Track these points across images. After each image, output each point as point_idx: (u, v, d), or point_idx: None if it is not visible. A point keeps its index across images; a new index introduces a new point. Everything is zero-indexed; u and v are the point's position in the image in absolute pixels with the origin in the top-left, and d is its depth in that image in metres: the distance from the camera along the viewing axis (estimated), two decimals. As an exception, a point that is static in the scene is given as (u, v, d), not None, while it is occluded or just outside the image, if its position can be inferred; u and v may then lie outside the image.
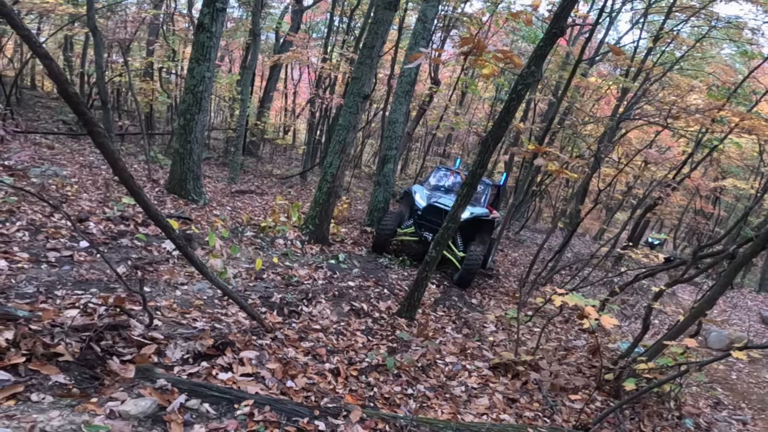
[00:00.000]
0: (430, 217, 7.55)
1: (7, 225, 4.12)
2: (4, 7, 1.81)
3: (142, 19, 13.08)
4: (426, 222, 7.57)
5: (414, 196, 7.94)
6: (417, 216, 7.67)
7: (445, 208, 7.31)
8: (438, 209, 7.48)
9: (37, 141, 8.51)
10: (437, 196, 7.84)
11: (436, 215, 7.46)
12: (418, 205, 7.67)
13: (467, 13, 13.55)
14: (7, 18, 1.84)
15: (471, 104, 21.92)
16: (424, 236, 7.54)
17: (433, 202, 7.57)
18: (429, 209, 7.56)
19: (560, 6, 3.86)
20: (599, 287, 9.42)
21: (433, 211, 7.53)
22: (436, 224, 7.22)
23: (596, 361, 4.99)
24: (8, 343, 2.33)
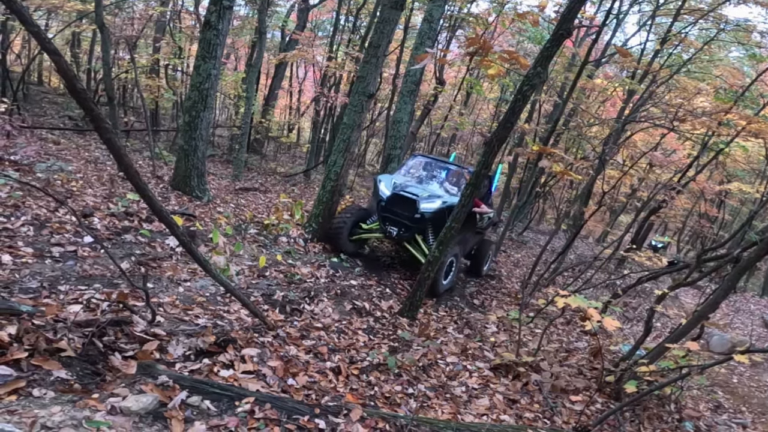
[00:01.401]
0: (394, 209, 6.53)
1: (12, 219, 4.14)
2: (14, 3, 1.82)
3: (149, 17, 13.12)
4: (390, 215, 6.55)
5: (379, 185, 6.89)
6: (381, 208, 6.65)
7: (411, 197, 6.39)
8: (404, 200, 6.47)
9: (43, 136, 8.55)
10: (406, 186, 6.82)
11: (402, 207, 6.48)
12: (382, 195, 6.66)
13: (473, 13, 13.52)
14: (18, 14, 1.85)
15: (476, 104, 21.87)
16: (388, 231, 6.55)
17: (398, 191, 6.54)
18: (393, 199, 6.54)
19: (567, 7, 3.85)
20: (602, 289, 9.39)
21: (398, 202, 6.51)
22: (402, 217, 6.46)
23: (597, 363, 4.98)
24: (11, 338, 2.34)
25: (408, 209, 6.42)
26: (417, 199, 6.35)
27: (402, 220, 6.47)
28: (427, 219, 6.39)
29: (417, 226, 6.43)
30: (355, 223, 6.85)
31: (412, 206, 6.38)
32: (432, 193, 6.68)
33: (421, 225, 6.45)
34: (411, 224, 6.41)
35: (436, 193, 6.75)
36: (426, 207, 6.34)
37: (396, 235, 6.52)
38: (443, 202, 6.45)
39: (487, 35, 12.84)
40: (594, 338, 5.96)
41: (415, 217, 6.35)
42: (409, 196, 6.45)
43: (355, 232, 6.86)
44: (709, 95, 9.99)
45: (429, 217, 6.38)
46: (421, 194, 6.48)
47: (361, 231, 6.88)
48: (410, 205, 6.40)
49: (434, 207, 6.38)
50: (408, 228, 6.45)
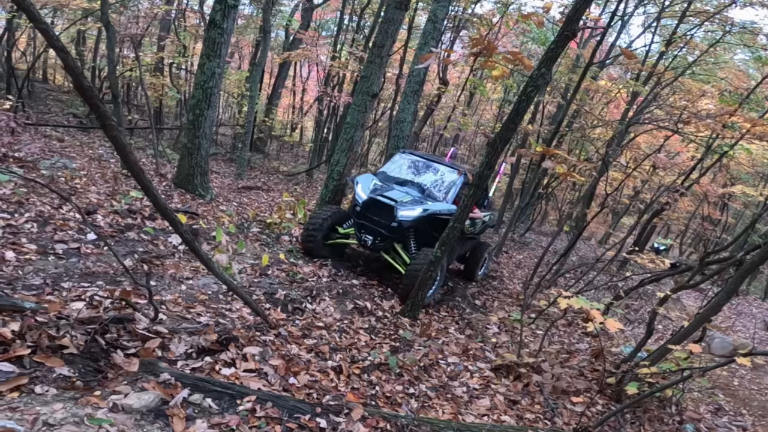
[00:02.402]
0: (370, 215, 5.89)
1: (16, 216, 4.16)
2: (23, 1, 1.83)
3: (154, 15, 13.15)
4: (365, 221, 5.91)
5: (356, 188, 6.24)
6: (356, 213, 6.02)
7: (388, 203, 5.74)
8: (380, 205, 5.80)
9: (47, 134, 8.58)
10: (386, 189, 6.08)
11: (379, 213, 5.82)
12: (358, 199, 6.03)
13: (477, 13, 13.52)
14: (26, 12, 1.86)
15: (479, 105, 21.86)
16: (363, 239, 5.91)
17: (375, 196, 5.88)
18: (369, 204, 5.88)
19: (572, 8, 3.84)
20: (604, 291, 9.37)
21: (375, 208, 5.86)
22: (378, 225, 5.80)
23: (599, 364, 4.98)
24: (14, 334, 2.35)
25: (385, 216, 5.76)
26: (395, 205, 5.70)
27: (378, 228, 5.81)
28: (405, 228, 5.74)
29: (394, 236, 5.80)
30: (332, 226, 6.24)
31: (389, 213, 5.72)
32: (415, 197, 5.97)
33: (398, 234, 5.82)
34: (387, 233, 5.76)
35: (419, 197, 6.02)
36: (405, 214, 5.67)
37: (371, 244, 5.86)
38: (425, 209, 5.73)
39: (491, 36, 12.83)
40: (595, 340, 5.95)
41: (391, 226, 5.71)
42: (387, 201, 5.77)
43: (332, 236, 6.25)
44: (714, 97, 9.97)
45: (408, 225, 5.72)
46: (402, 199, 5.82)
47: (338, 236, 6.27)
48: (387, 211, 5.73)
49: (414, 215, 5.67)
50: (384, 237, 5.81)
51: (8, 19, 10.83)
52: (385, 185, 6.22)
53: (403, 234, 5.92)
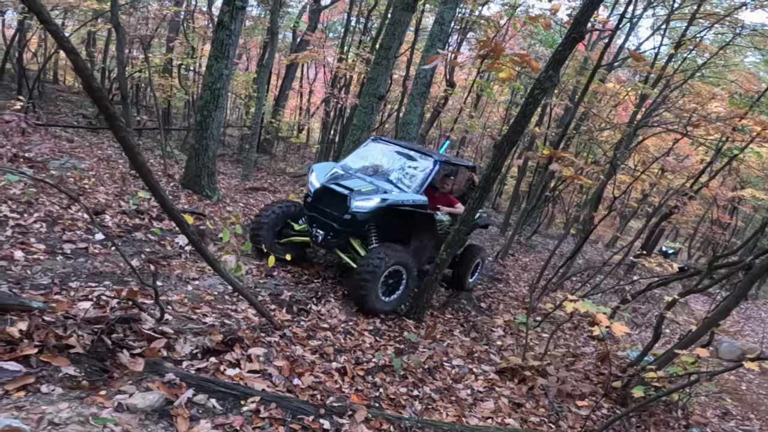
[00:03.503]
0: (322, 207, 5.14)
1: (25, 216, 4.20)
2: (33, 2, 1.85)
3: (163, 16, 13.24)
4: (317, 214, 5.15)
5: (309, 176, 5.55)
6: (307, 205, 5.32)
7: (341, 192, 4.98)
8: (333, 195, 5.04)
9: (57, 134, 8.67)
10: (345, 178, 5.32)
11: (331, 204, 5.05)
12: (311, 188, 5.31)
13: (484, 15, 13.50)
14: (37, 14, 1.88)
15: (486, 107, 21.82)
16: (314, 234, 5.15)
17: (328, 184, 5.14)
18: (321, 194, 5.15)
19: (580, 11, 3.83)
20: (610, 295, 9.31)
21: (327, 198, 5.10)
22: (330, 217, 5.04)
23: (604, 368, 4.95)
24: (21, 334, 2.37)
25: (338, 208, 5.00)
26: (348, 194, 4.92)
27: (329, 221, 5.05)
28: (360, 221, 4.96)
29: (347, 230, 5.02)
30: (286, 222, 5.49)
31: (342, 204, 4.95)
32: (378, 187, 5.14)
33: (353, 228, 5.04)
34: (340, 227, 4.98)
35: (383, 187, 5.19)
36: (360, 205, 4.87)
37: (322, 240, 5.10)
38: (383, 199, 4.91)
39: (499, 38, 12.81)
40: (601, 344, 5.92)
41: (344, 218, 4.94)
42: (340, 190, 5.01)
43: (286, 233, 5.53)
44: (724, 100, 9.88)
45: (363, 218, 4.95)
46: (360, 188, 5.03)
47: (293, 233, 5.52)
48: (341, 202, 4.97)
49: (369, 206, 4.87)
50: (337, 232, 5.02)
51: (20, 20, 10.96)
52: (346, 174, 5.45)
53: (360, 228, 5.10)
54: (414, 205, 5.14)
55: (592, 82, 7.54)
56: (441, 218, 5.86)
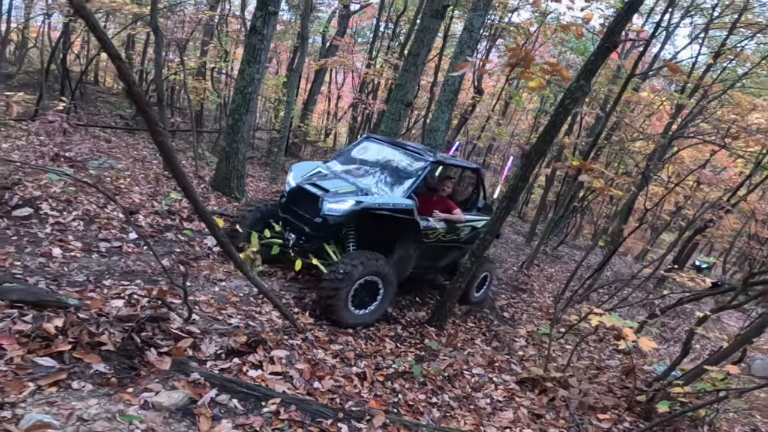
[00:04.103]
0: (294, 208, 4.86)
1: (64, 214, 4.38)
2: (83, 9, 1.93)
3: (198, 20, 13.58)
4: (289, 215, 4.86)
5: (288, 175, 5.22)
6: (281, 206, 5.02)
7: (314, 192, 4.67)
8: (307, 196, 4.74)
9: (96, 134, 9.01)
10: (325, 177, 5.00)
11: (305, 206, 4.76)
12: (287, 188, 5.03)
13: (514, 22, 13.39)
14: (86, 19, 1.96)
15: (514, 115, 21.59)
16: (286, 238, 4.73)
17: (303, 184, 4.84)
18: (295, 195, 4.88)
19: (614, 20, 3.76)
20: (638, 308, 9.07)
21: (301, 199, 4.82)
22: (301, 220, 4.74)
23: (629, 382, 4.85)
24: (57, 330, 2.45)
25: (310, 210, 4.67)
26: (321, 195, 4.60)
27: (301, 223, 4.73)
28: (332, 225, 4.60)
29: (320, 235, 4.67)
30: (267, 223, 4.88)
31: (315, 206, 4.62)
32: (361, 188, 4.80)
33: (325, 233, 4.67)
34: (312, 231, 4.65)
35: (367, 189, 4.83)
36: (332, 208, 4.53)
37: (294, 244, 4.70)
38: (357, 202, 4.52)
39: (528, 45, 12.68)
40: (627, 357, 5.79)
41: (314, 222, 4.62)
42: (313, 190, 4.69)
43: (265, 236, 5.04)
44: (766, 111, 9.52)
45: (336, 221, 4.57)
46: (337, 189, 4.69)
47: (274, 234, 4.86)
48: (313, 203, 4.64)
49: (342, 208, 4.51)
50: (309, 236, 4.68)
51: (65, 23, 11.41)
52: (330, 174, 5.13)
53: (333, 233, 4.74)
54: (395, 209, 4.66)
55: (625, 91, 7.38)
56: (434, 225, 5.26)
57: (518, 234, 14.31)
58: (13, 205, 4.17)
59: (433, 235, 5.30)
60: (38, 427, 1.84)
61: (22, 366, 2.20)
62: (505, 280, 8.81)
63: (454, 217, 5.44)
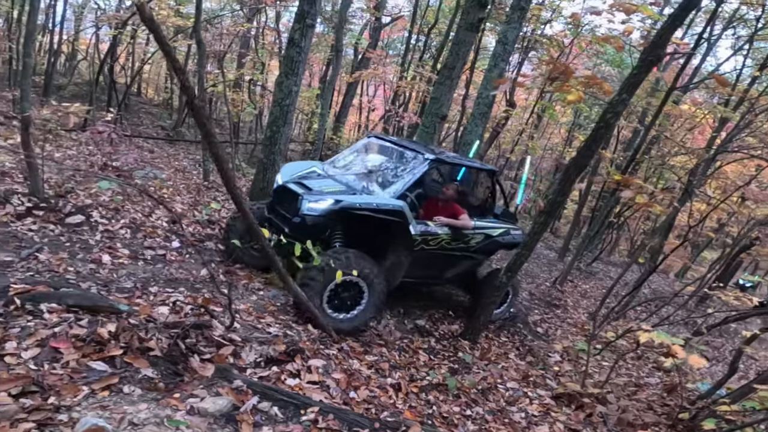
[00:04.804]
0: (278, 207, 4.70)
1: (113, 222, 4.58)
2: (152, 23, 2.04)
3: (237, 32, 13.94)
4: (273, 215, 4.72)
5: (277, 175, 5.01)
6: (268, 206, 4.88)
7: (296, 190, 4.48)
8: (289, 194, 4.57)
9: (139, 144, 9.37)
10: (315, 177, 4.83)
11: (287, 205, 4.59)
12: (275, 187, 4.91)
13: (547, 34, 13.28)
14: (154, 33, 2.08)
15: (547, 128, 21.30)
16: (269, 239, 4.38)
17: (288, 182, 4.68)
18: (280, 193, 4.75)
19: (657, 33, 3.70)
20: (678, 327, 8.77)
21: (284, 197, 4.66)
22: (283, 220, 4.54)
23: (670, 399, 4.71)
24: (110, 335, 2.54)
25: (291, 209, 4.50)
26: (301, 194, 4.41)
27: (281, 223, 4.55)
28: (311, 225, 4.34)
29: (299, 235, 4.19)
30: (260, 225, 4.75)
31: (295, 205, 4.44)
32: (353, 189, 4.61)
33: (304, 233, 4.16)
34: (290, 231, 4.37)
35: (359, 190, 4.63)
36: (311, 207, 4.32)
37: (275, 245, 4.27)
38: (336, 200, 4.29)
39: (563, 58, 12.54)
40: (668, 375, 5.62)
41: (293, 221, 4.40)
42: (295, 189, 4.50)
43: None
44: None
45: (313, 222, 4.33)
46: (321, 188, 4.52)
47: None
48: (294, 203, 4.45)
49: (321, 208, 4.30)
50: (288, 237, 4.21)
51: (114, 35, 11.92)
52: (322, 174, 4.95)
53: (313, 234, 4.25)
54: (378, 209, 4.35)
55: (666, 104, 7.20)
56: (434, 230, 4.85)
57: (550, 249, 14.04)
58: (67, 213, 4.38)
59: (434, 242, 4.90)
60: (93, 431, 1.90)
61: (77, 370, 2.28)
62: (538, 296, 8.66)
63: (458, 223, 4.99)
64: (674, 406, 4.30)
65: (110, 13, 13.20)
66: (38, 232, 4.01)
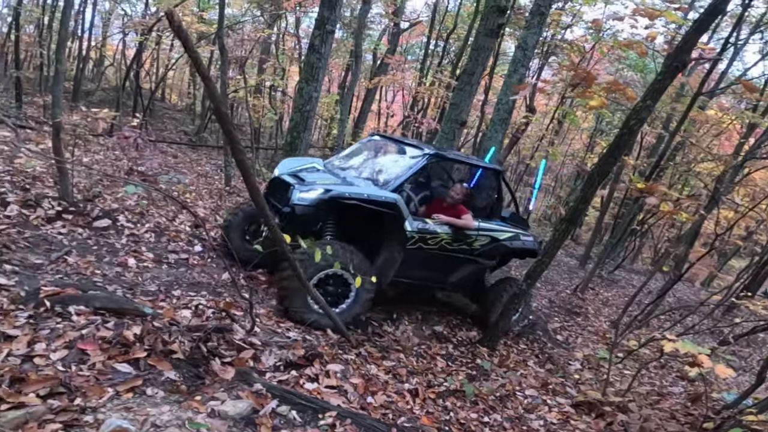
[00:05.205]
0: (271, 199, 4.63)
1: (138, 226, 4.69)
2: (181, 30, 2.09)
3: (257, 38, 14.10)
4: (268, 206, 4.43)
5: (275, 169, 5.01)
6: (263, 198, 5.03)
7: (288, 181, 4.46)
8: (283, 185, 4.55)
9: (163, 149, 9.58)
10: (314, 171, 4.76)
11: (278, 196, 4.55)
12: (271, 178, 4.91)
13: (567, 39, 13.15)
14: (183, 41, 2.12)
15: (567, 134, 21.03)
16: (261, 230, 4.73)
17: (282, 174, 4.66)
18: (274, 185, 4.73)
19: (683, 39, 3.65)
20: (703, 336, 8.56)
21: (278, 190, 4.63)
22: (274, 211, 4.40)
23: (694, 409, 4.59)
24: (135, 337, 2.59)
25: (282, 200, 4.43)
26: (293, 184, 4.37)
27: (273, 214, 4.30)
28: (300, 216, 4.25)
29: (289, 225, 4.20)
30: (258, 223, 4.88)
31: (287, 195, 4.38)
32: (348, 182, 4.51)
33: (294, 225, 4.21)
34: (280, 221, 4.31)
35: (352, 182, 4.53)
36: (301, 197, 4.23)
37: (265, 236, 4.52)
38: (326, 190, 4.19)
39: (584, 63, 12.40)
40: (693, 384, 5.50)
41: (283, 212, 4.33)
42: (288, 180, 4.47)
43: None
44: None
45: (303, 212, 4.24)
46: (315, 180, 4.44)
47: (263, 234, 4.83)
48: (286, 194, 4.39)
49: (310, 198, 4.20)
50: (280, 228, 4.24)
51: (140, 42, 12.19)
52: (322, 169, 4.88)
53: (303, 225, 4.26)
54: (370, 200, 4.20)
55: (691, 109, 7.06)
56: (433, 228, 4.71)
57: (571, 257, 13.85)
58: (94, 217, 4.50)
59: (433, 241, 4.73)
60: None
61: (102, 371, 2.32)
62: (558, 303, 8.55)
63: (459, 222, 4.81)
64: (698, 415, 4.20)
65: (136, 20, 13.52)
66: (67, 236, 4.13)
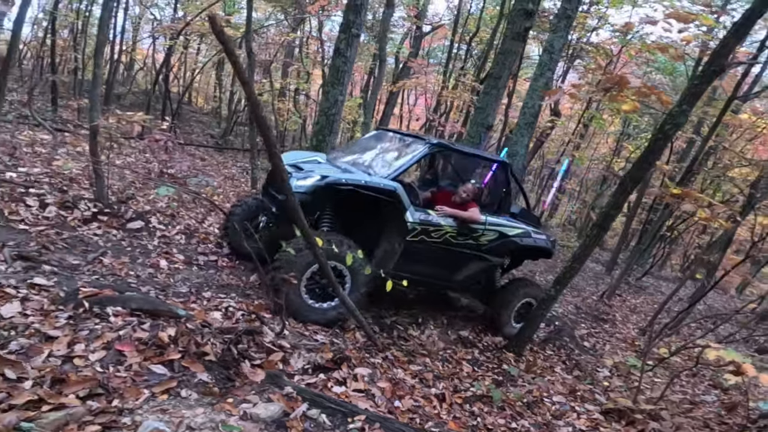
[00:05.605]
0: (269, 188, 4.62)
1: (169, 228, 4.78)
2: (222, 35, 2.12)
3: (282, 42, 14.22)
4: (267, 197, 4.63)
5: None
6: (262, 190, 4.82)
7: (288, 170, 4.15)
8: None
9: (191, 152, 9.76)
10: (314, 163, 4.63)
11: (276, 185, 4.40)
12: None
13: (593, 42, 12.94)
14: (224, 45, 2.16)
15: (593, 137, 20.65)
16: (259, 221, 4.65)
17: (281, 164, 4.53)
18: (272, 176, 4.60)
19: (720, 43, 3.55)
20: (737, 344, 8.29)
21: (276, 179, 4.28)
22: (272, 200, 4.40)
23: (728, 418, 4.46)
24: (170, 339, 2.63)
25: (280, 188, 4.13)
26: (291, 172, 4.18)
27: (270, 203, 4.46)
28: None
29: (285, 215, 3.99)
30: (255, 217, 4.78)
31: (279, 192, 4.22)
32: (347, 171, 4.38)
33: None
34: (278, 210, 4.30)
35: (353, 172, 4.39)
36: (298, 185, 4.04)
37: (263, 226, 4.46)
38: (323, 176, 4.04)
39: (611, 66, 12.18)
40: (727, 393, 5.35)
41: (279, 200, 4.26)
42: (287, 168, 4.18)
43: None
44: None
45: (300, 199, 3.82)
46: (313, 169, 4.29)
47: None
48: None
49: (306, 185, 4.02)
50: (276, 217, 4.37)
51: (169, 46, 12.41)
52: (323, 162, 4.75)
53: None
54: (368, 186, 4.04)
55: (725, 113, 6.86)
56: (436, 221, 4.54)
57: (597, 262, 13.60)
58: (128, 218, 4.61)
59: (437, 234, 4.55)
60: (153, 436, 1.93)
61: (139, 373, 2.36)
62: (584, 309, 8.40)
63: (464, 215, 4.61)
64: (733, 424, 4.08)
65: (166, 24, 13.80)
66: (102, 237, 4.24)
